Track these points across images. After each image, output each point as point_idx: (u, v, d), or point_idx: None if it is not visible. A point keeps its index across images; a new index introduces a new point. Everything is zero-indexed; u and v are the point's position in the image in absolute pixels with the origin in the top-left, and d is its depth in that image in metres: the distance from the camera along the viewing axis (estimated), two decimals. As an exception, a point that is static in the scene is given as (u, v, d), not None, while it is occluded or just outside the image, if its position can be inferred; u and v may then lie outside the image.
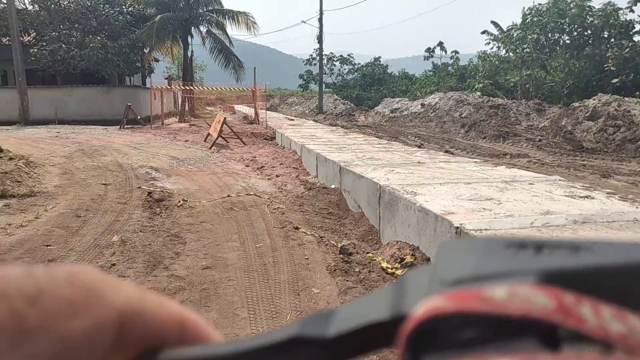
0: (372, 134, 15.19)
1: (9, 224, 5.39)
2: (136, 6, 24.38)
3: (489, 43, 37.55)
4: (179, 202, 6.84)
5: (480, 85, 32.58)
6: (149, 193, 7.28)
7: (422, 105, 26.84)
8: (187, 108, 25.92)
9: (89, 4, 21.84)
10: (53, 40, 21.56)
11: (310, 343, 0.26)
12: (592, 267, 0.22)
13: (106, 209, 6.38)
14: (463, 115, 21.20)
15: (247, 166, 10.29)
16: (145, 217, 5.97)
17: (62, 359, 0.23)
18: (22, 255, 4.41)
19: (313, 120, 24.01)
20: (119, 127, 18.35)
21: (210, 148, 12.69)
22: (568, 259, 0.22)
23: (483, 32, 37.88)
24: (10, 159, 8.65)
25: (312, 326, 0.26)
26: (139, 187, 7.77)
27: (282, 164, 10.20)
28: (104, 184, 8.09)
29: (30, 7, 23.20)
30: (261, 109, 22.21)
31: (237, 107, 37.25)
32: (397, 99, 33.43)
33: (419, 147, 11.28)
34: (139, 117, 18.83)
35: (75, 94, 22.21)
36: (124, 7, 23.65)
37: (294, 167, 9.64)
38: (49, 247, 4.66)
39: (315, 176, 8.70)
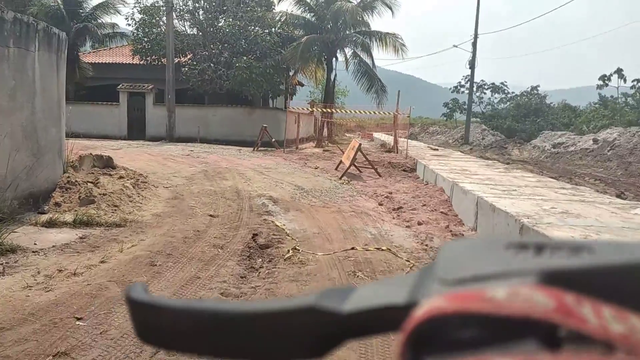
0: (539, 173, 12.26)
1: (61, 270, 4.07)
2: (285, 27, 24.24)
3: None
4: (288, 251, 5.12)
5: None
6: (254, 235, 5.70)
7: (595, 141, 22.52)
8: (325, 133, 24.98)
9: (241, 24, 22.03)
10: (203, 60, 22.08)
11: (324, 315, 0.26)
12: (592, 267, 0.22)
13: (194, 254, 4.87)
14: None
15: (380, 204, 8.33)
16: (235, 276, 4.31)
17: None
18: (29, 336, 2.92)
19: (460, 151, 21.32)
20: (252, 148, 17.74)
21: (340, 178, 11.01)
22: (569, 259, 0.22)
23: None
24: (120, 177, 7.80)
25: (329, 299, 0.27)
26: (247, 226, 6.26)
27: (425, 205, 8.06)
28: (210, 215, 6.76)
29: (189, 30, 24.25)
30: (400, 137, 20.24)
31: (376, 135, 35.67)
32: (559, 132, 29.06)
33: (619, 196, 8.28)
34: (273, 140, 18.04)
35: (219, 114, 22.45)
36: (273, 28, 23.60)
37: (441, 212, 7.43)
38: (77, 323, 3.15)
39: (472, 228, 6.42)
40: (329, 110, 21.94)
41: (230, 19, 22.07)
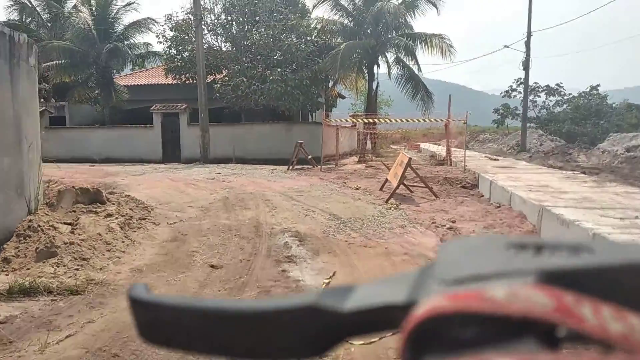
0: (626, 183, 9.86)
1: None
2: (321, 35, 22.58)
3: None
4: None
5: None
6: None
7: (680, 141, 19.55)
8: (369, 146, 23.03)
9: (274, 34, 20.49)
10: (235, 75, 20.71)
11: (325, 314, 0.27)
12: (592, 267, 0.22)
13: (152, 357, 3.09)
14: None
15: (442, 240, 6.34)
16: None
17: None
18: None
19: (523, 160, 18.81)
20: (287, 167, 16.05)
21: (387, 201, 9.05)
22: (568, 259, 0.23)
23: None
24: (108, 215, 6.18)
25: (329, 298, 0.27)
26: (257, 283, 4.44)
27: (502, 238, 6.01)
28: (211, 266, 5.01)
29: (223, 47, 22.97)
30: (451, 147, 18.02)
31: (423, 145, 33.29)
32: (630, 134, 25.85)
33: None
34: (309, 157, 16.27)
35: (254, 131, 20.89)
36: (308, 37, 21.98)
37: (531, 252, 5.37)
38: None
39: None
40: (371, 120, 19.97)
41: (263, 29, 20.62)
